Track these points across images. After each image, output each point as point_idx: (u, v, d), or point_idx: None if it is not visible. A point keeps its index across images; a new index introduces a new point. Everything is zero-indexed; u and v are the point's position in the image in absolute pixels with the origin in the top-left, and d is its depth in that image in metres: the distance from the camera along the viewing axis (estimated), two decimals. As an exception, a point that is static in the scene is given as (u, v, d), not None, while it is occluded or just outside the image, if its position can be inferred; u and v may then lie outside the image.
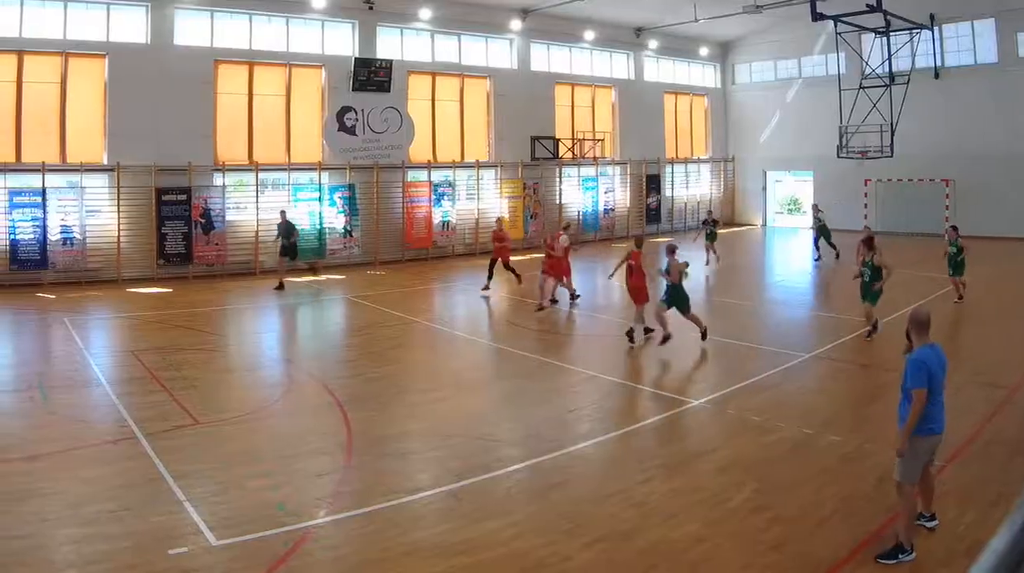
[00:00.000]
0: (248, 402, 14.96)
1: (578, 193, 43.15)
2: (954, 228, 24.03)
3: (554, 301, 24.12)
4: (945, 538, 9.19)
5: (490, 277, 26.84)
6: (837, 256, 33.27)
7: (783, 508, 10.01)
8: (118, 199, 29.58)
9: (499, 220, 28.41)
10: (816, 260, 33.83)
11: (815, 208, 35.04)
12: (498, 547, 9.08)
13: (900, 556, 8.59)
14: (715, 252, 33.29)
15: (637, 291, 19.66)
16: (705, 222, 33.90)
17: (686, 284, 18.83)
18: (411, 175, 36.70)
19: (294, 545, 9.06)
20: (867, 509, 9.74)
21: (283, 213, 28.48)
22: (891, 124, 37.19)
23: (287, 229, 28.19)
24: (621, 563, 8.75)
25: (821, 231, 34.05)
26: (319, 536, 9.39)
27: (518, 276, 27.23)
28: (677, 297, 18.52)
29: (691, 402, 14.55)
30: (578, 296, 24.74)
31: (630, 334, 19.01)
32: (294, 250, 28.64)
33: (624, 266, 20.01)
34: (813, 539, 9.18)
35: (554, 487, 10.85)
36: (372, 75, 35.13)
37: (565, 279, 24.60)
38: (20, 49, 28.20)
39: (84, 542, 9.01)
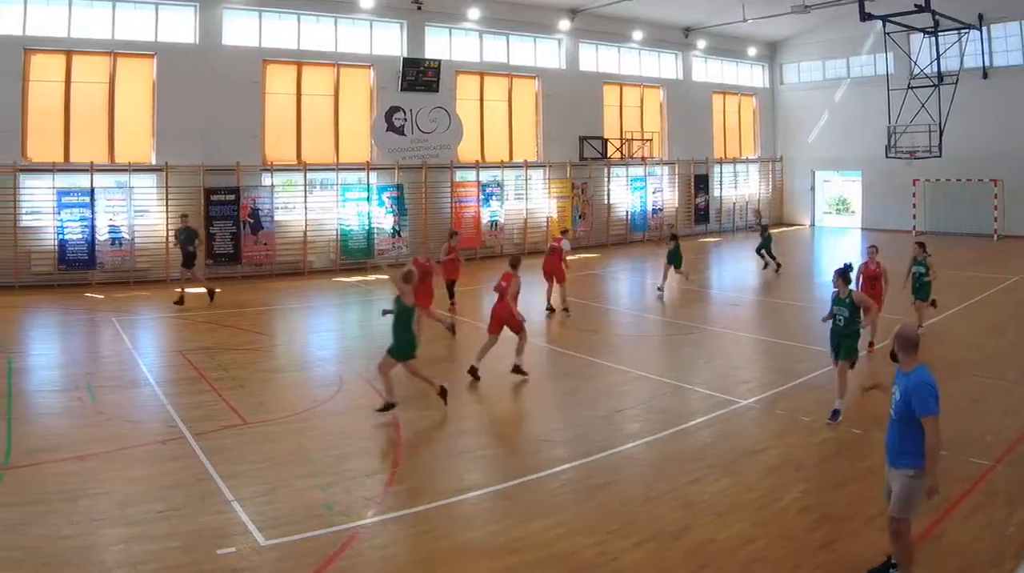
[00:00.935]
0: (297, 402, 14.40)
1: (626, 193, 41.66)
2: (920, 245, 19.05)
3: (563, 310, 22.74)
4: (994, 539, 8.82)
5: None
6: (778, 268, 30.13)
7: (832, 508, 9.73)
8: (166, 199, 28.57)
9: (453, 235, 23.92)
10: (764, 269, 30.44)
11: (756, 214, 31.72)
12: (546, 547, 8.80)
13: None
14: (684, 274, 26.79)
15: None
16: (673, 237, 27.07)
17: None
18: (459, 175, 35.45)
19: (342, 545, 8.77)
20: (917, 508, 9.62)
21: (184, 217, 24.82)
22: (939, 124, 35.90)
23: (188, 236, 24.21)
24: (670, 563, 8.45)
25: (763, 240, 30.70)
26: (367, 536, 9.08)
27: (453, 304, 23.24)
28: (400, 342, 13.65)
29: (740, 402, 14.04)
30: (565, 310, 22.91)
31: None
32: (192, 259, 24.30)
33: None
34: (862, 538, 8.88)
35: (603, 487, 10.47)
36: (420, 75, 33.96)
37: (559, 287, 23.31)
38: (69, 49, 27.33)
39: (132, 542, 8.75)
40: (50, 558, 8.33)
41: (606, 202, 40.54)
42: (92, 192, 27.22)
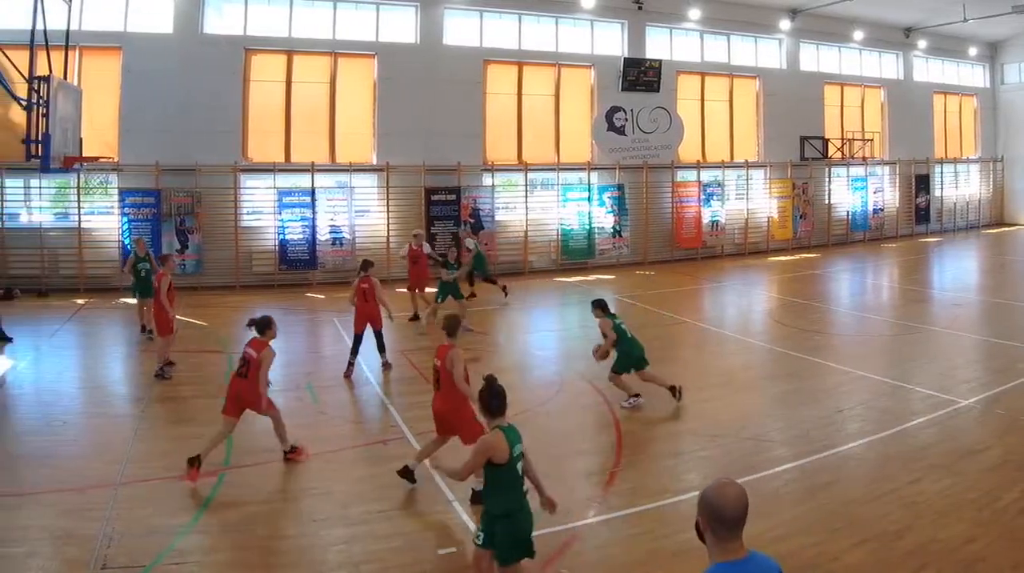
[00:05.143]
0: (517, 402, 10.03)
1: (847, 193, 32.05)
2: (599, 306, 11.32)
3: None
4: None
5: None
6: (469, 296, 18.88)
7: (1057, 510, 7.24)
8: (387, 199, 22.23)
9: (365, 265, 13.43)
10: (469, 296, 18.81)
11: (468, 234, 20.95)
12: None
13: None
14: (472, 293, 18.67)
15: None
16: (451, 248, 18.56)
17: None
18: (680, 175, 27.25)
19: (563, 545, 6.96)
20: None
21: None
22: None
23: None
24: (890, 563, 6.59)
25: (476, 263, 19.12)
26: (588, 536, 7.19)
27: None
28: None
29: (960, 402, 10.99)
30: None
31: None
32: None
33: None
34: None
35: (823, 487, 8.16)
36: (641, 75, 26.12)
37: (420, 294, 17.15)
38: (289, 49, 21.38)
39: (354, 542, 7.00)
40: (273, 558, 6.73)
41: (827, 202, 31.15)
42: (313, 192, 21.19)
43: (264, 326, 8.98)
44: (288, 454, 8.96)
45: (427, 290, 17.60)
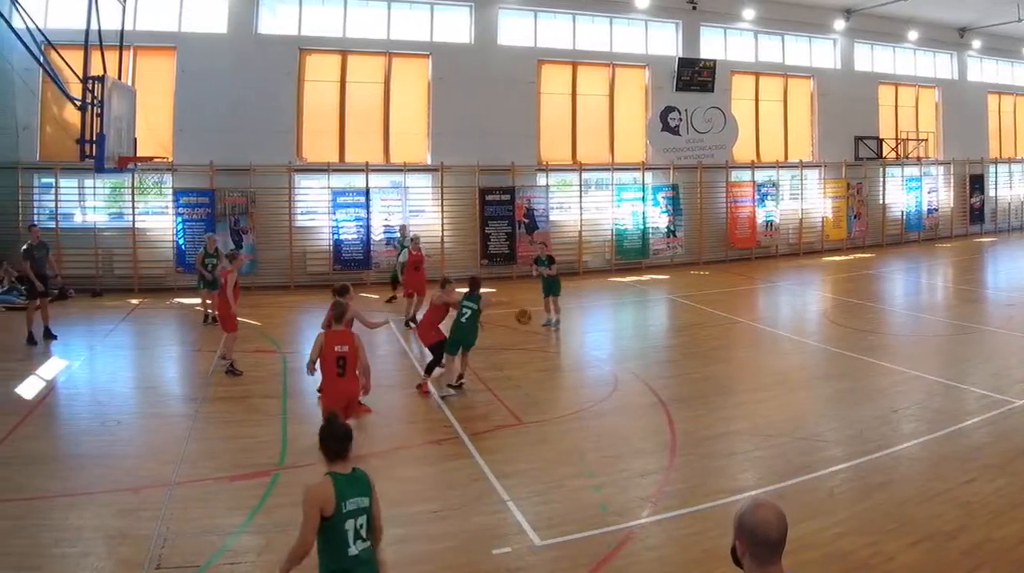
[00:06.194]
0: (571, 402, 10.79)
1: (901, 193, 29.85)
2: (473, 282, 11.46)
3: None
4: None
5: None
6: (391, 299, 17.88)
7: (1112, 509, 6.57)
8: (441, 199, 20.81)
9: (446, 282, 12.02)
10: (388, 301, 17.99)
11: (403, 230, 18.30)
12: (821, 547, 6.34)
13: None
14: (555, 309, 15.60)
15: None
16: (538, 260, 16.41)
17: None
18: (734, 175, 25.39)
19: (617, 545, 6.51)
20: None
21: (33, 227, 14.40)
22: None
23: (37, 249, 13.61)
24: (945, 563, 6.17)
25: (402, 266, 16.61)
26: (642, 536, 6.70)
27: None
28: None
29: (1014, 402, 10.08)
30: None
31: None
32: (46, 282, 13.61)
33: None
34: None
35: (878, 487, 7.60)
36: (696, 75, 24.34)
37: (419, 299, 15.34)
38: (344, 49, 20.05)
39: (409, 542, 6.46)
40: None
41: (881, 202, 28.96)
42: (367, 192, 19.86)
43: (343, 291, 10.02)
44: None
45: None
